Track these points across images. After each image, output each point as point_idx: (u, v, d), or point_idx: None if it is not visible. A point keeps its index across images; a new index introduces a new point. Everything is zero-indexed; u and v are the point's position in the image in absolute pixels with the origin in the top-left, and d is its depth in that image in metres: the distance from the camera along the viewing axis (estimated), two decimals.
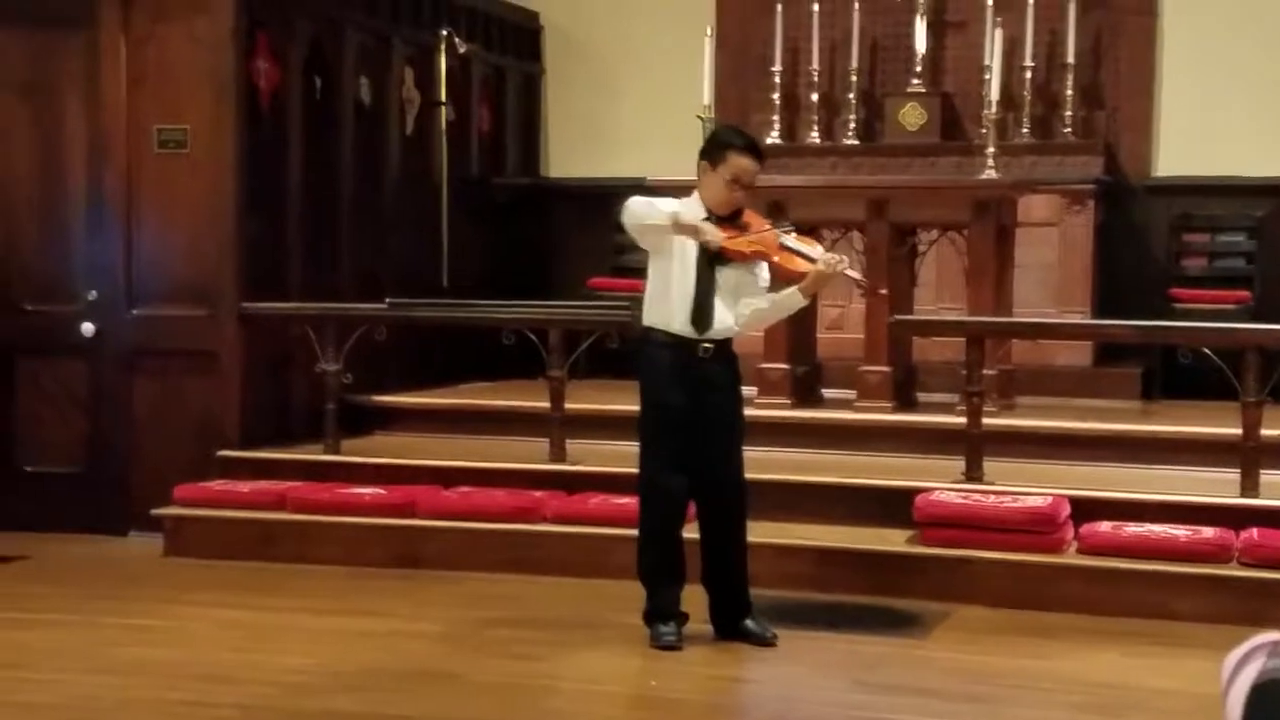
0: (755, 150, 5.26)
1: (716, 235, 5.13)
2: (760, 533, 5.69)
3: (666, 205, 5.18)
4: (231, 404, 7.33)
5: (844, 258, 5.33)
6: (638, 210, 5.16)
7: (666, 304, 5.20)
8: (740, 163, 5.19)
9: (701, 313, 5.19)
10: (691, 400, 5.21)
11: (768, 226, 5.23)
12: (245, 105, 7.31)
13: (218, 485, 7.11)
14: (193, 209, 7.32)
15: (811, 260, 5.18)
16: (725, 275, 5.23)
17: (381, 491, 6.91)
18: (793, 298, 5.25)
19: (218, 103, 7.25)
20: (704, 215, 5.20)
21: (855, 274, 5.46)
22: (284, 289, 7.60)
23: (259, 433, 7.42)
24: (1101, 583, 5.92)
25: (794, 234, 5.32)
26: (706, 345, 5.22)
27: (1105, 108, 9.36)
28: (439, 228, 9.01)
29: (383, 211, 8.53)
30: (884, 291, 5.55)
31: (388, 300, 7.53)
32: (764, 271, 5.29)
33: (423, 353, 8.49)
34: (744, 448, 5.42)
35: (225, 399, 7.33)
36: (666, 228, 5.12)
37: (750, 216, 5.26)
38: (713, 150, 5.25)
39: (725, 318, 5.22)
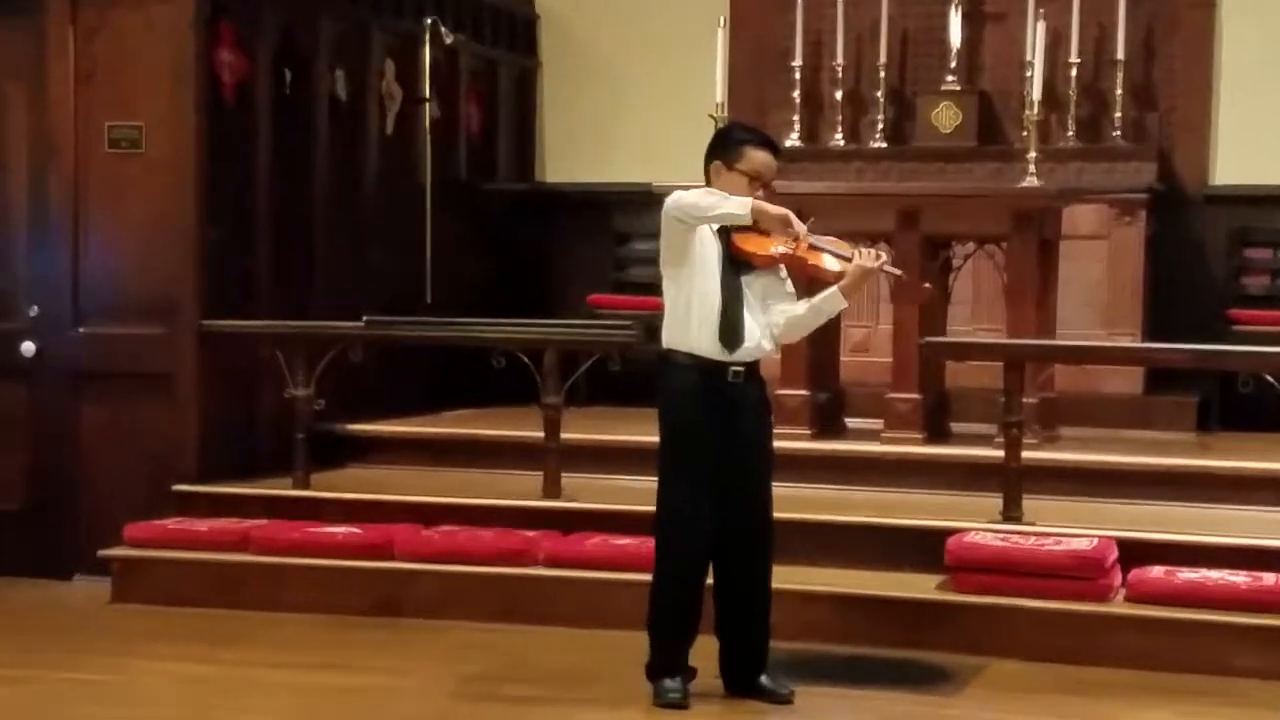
0: (773, 144, 5.29)
1: (802, 229, 5.09)
2: (776, 578, 5.64)
3: (711, 195, 5.13)
4: (189, 433, 7.30)
5: (881, 253, 5.32)
6: (693, 201, 5.06)
7: (689, 322, 5.18)
8: (760, 157, 5.19)
9: (731, 328, 5.16)
10: (720, 429, 5.19)
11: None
12: (207, 101, 7.29)
13: (173, 523, 7.08)
14: (148, 215, 7.30)
15: (847, 259, 5.17)
16: (752, 284, 5.22)
17: (356, 531, 6.88)
18: (833, 300, 5.23)
19: (177, 98, 7.23)
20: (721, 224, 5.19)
21: (894, 270, 5.46)
22: (249, 305, 7.57)
23: (220, 465, 7.39)
24: (1153, 634, 5.88)
25: (826, 235, 5.31)
26: (737, 368, 5.20)
27: (1158, 109, 9.35)
28: (422, 238, 8.99)
29: (360, 219, 8.51)
30: (928, 286, 5.52)
31: (365, 318, 7.50)
32: (788, 275, 5.29)
33: (403, 376, 8.47)
34: None
35: (182, 427, 7.29)
36: (741, 216, 5.03)
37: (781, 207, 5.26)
38: (726, 148, 5.25)
39: (756, 333, 5.21)
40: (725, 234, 5.19)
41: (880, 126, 9.54)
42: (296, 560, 6.78)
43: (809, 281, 5.32)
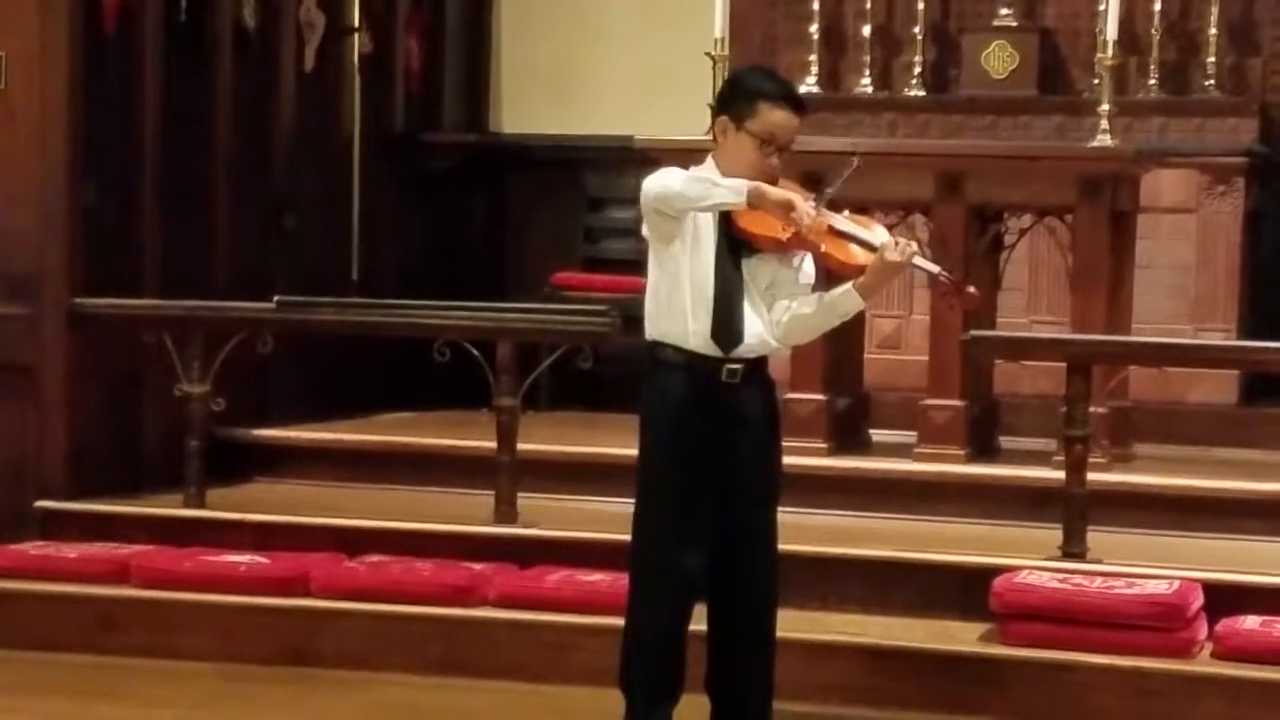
0: (796, 100, 5.25)
1: (811, 215, 5.09)
2: (784, 625, 5.67)
3: (694, 177, 5.14)
4: (56, 438, 7.31)
5: (913, 243, 5.33)
6: (679, 190, 5.06)
7: (678, 310, 5.19)
8: (776, 117, 5.17)
9: (726, 321, 5.17)
10: (713, 443, 5.20)
11: (812, 199, 5.22)
12: (83, 29, 7.31)
13: (35, 549, 7.09)
14: (7, 169, 7.31)
15: (872, 247, 5.18)
16: (755, 269, 5.21)
17: (263, 561, 6.89)
18: (848, 298, 5.24)
19: (44, 25, 7.24)
20: None
21: (931, 265, 5.44)
22: (133, 281, 7.59)
23: (95, 478, 7.40)
24: (1246, 699, 5.90)
25: (845, 212, 5.32)
26: (733, 366, 5.22)
27: (1261, 53, 9.40)
28: (349, 201, 9.01)
29: (271, 178, 8.53)
30: (973, 290, 5.49)
31: (276, 299, 7.52)
32: (808, 265, 5.27)
33: (324, 372, 8.49)
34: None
35: (47, 431, 7.31)
36: (737, 203, 5.06)
37: (790, 187, 5.27)
38: (736, 100, 5.24)
39: (756, 327, 5.21)
40: None
41: (918, 70, 9.58)
42: (188, 596, 6.76)
43: (836, 272, 5.31)
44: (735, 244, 5.18)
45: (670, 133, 7.41)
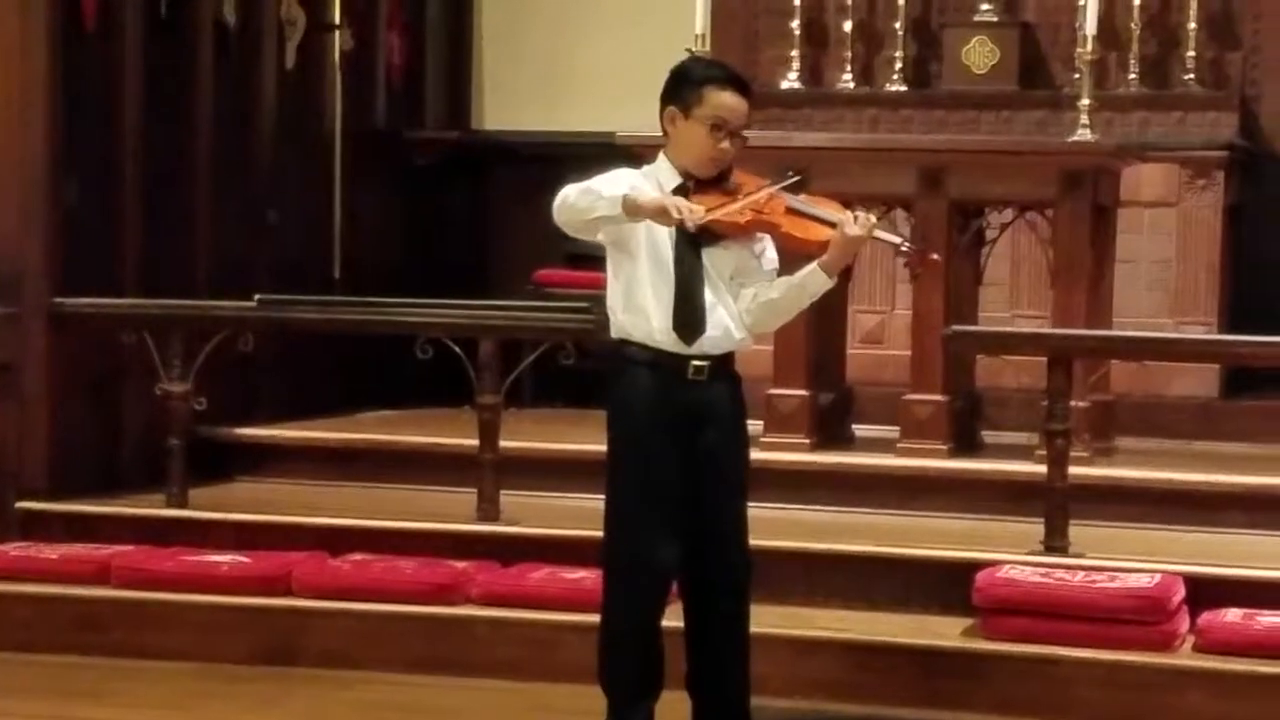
0: (740, 83, 5.25)
1: (694, 210, 5.08)
2: (767, 621, 5.68)
3: (613, 182, 5.12)
4: (37, 438, 7.29)
5: (872, 215, 5.32)
6: (573, 203, 5.07)
7: (640, 306, 5.18)
8: (724, 99, 5.17)
9: (688, 314, 5.15)
10: (681, 440, 5.19)
11: (767, 185, 5.21)
12: (62, 26, 7.28)
13: (16, 549, 7.06)
14: None
15: (831, 224, 5.17)
16: (716, 258, 5.19)
17: (245, 560, 6.87)
18: (815, 277, 5.22)
19: (23, 21, 7.20)
20: (676, 183, 5.19)
21: (892, 237, 5.45)
22: (114, 280, 7.57)
23: (76, 478, 7.38)
24: (1228, 692, 5.91)
25: (803, 194, 5.30)
26: (699, 363, 5.21)
27: (1241, 47, 9.40)
28: (330, 199, 8.99)
29: (253, 175, 8.51)
30: (936, 257, 5.52)
31: (257, 297, 7.51)
32: (770, 250, 5.27)
33: (305, 370, 8.47)
34: (749, 505, 5.40)
35: (29, 431, 7.28)
36: (616, 216, 5.07)
37: (743, 176, 5.25)
38: (682, 89, 5.23)
39: (721, 318, 5.20)
40: (682, 193, 5.17)
41: (899, 66, 9.56)
42: (170, 596, 6.75)
43: (799, 253, 5.30)
44: (694, 234, 5.14)
45: (653, 129, 7.38)
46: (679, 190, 5.15)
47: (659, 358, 5.18)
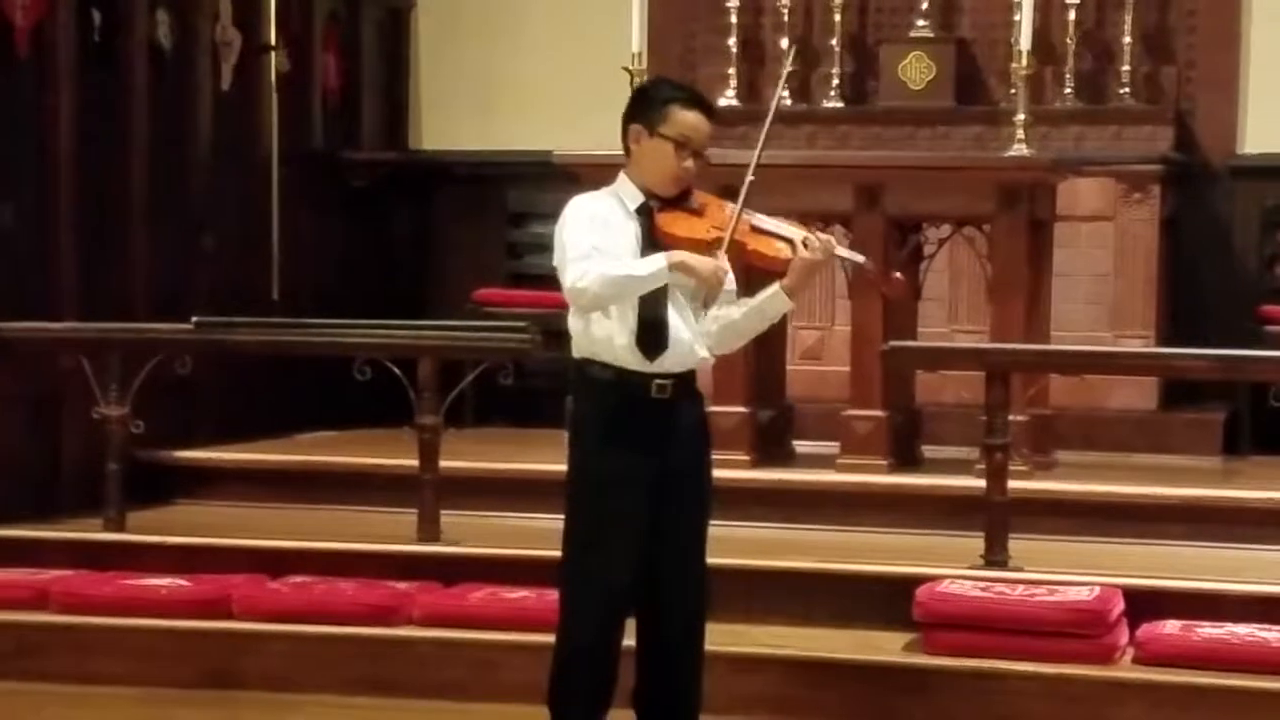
0: (705, 104, 5.30)
1: (722, 262, 5.13)
2: (709, 638, 5.66)
3: (610, 251, 5.08)
4: None
5: (831, 237, 5.34)
6: (598, 293, 5.05)
7: (603, 324, 5.18)
8: (689, 119, 5.20)
9: (650, 328, 5.17)
10: (645, 458, 5.19)
11: (730, 207, 5.23)
12: None
13: None
14: None
15: (792, 243, 5.19)
16: (678, 277, 5.21)
17: (185, 584, 6.85)
18: (775, 300, 5.24)
19: None
20: (639, 202, 5.21)
21: (855, 255, 5.47)
22: (50, 303, 7.54)
23: (13, 503, 7.33)
24: (1167, 703, 5.94)
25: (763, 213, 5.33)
26: (662, 381, 5.22)
27: (1176, 62, 9.48)
28: (268, 220, 8.96)
29: (189, 197, 8.48)
30: (898, 276, 5.56)
31: (195, 319, 7.48)
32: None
33: (244, 392, 8.46)
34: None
35: None
36: (663, 277, 5.08)
37: (703, 197, 5.29)
38: (647, 109, 5.27)
39: (685, 338, 5.22)
40: (646, 213, 5.21)
41: (836, 82, 9.62)
42: (109, 621, 6.72)
43: (765, 270, 5.31)
44: (658, 249, 5.17)
45: (588, 145, 7.41)
46: (642, 210, 5.19)
47: (622, 375, 5.19)
